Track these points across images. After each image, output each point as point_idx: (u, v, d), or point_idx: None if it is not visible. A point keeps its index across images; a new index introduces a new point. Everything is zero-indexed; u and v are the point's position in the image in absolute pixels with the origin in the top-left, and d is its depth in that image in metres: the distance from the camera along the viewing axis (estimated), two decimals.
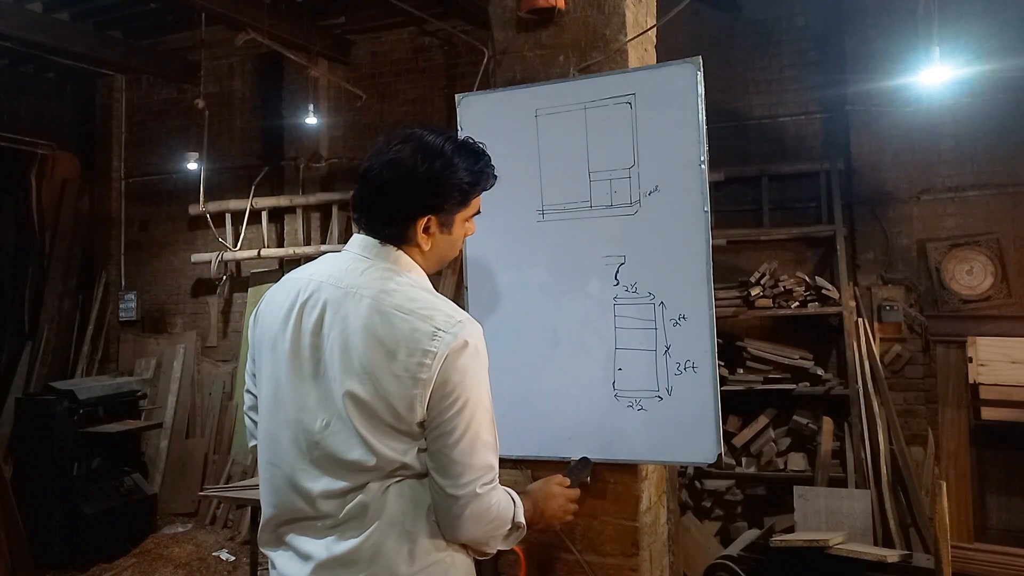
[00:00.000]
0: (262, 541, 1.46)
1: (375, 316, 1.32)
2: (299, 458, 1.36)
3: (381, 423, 1.31)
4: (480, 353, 1.35)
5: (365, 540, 1.32)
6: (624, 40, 2.10)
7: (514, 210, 2.12)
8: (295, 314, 1.39)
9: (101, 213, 6.91)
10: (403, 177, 1.36)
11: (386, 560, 1.32)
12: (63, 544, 4.96)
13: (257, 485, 1.54)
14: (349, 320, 1.34)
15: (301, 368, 1.37)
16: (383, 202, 1.39)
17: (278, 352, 1.40)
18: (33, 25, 5.44)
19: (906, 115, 4.62)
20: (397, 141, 1.40)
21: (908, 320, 4.64)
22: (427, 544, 1.35)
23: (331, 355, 1.34)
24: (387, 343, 1.30)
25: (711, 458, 1.91)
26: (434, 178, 1.37)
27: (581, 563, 2.03)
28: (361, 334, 1.32)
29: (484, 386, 1.36)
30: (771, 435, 4.75)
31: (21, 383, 6.31)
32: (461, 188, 1.41)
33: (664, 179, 1.96)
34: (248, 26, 5.12)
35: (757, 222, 5.00)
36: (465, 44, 5.60)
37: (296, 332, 1.38)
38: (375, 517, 1.32)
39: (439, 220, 1.42)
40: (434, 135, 1.41)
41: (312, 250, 5.79)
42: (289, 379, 1.38)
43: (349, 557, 1.32)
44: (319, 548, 1.34)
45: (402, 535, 1.33)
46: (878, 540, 4.22)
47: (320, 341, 1.36)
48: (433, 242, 1.43)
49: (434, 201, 1.39)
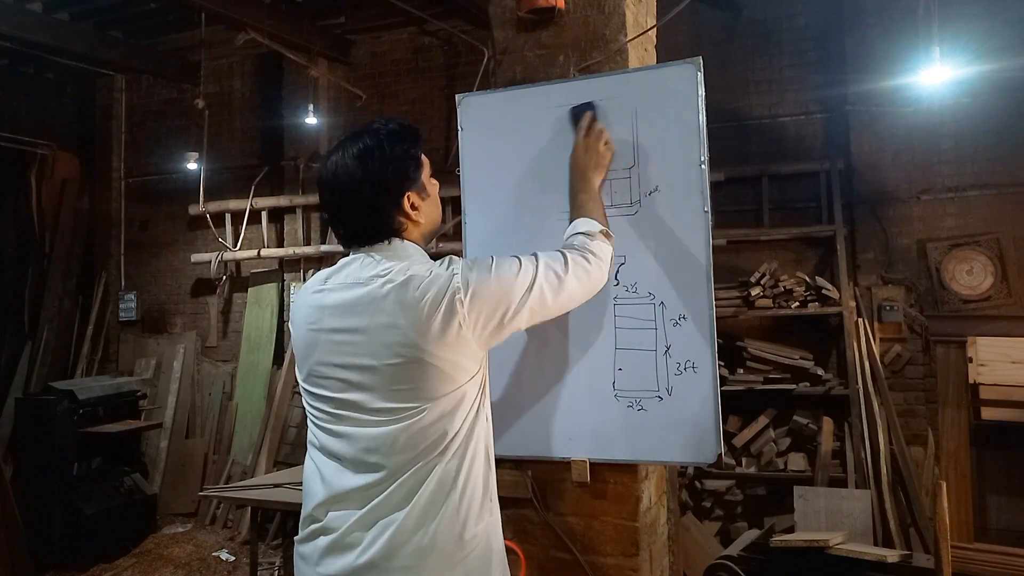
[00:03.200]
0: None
1: (402, 290, 1.38)
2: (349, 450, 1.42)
3: (432, 384, 1.38)
4: (484, 261, 1.46)
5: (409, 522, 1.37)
6: (624, 40, 2.10)
7: (514, 210, 2.12)
8: (326, 318, 1.45)
9: (101, 213, 6.92)
10: (364, 185, 1.45)
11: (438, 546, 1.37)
12: (63, 544, 4.96)
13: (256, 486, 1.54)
14: (380, 305, 1.39)
15: (346, 364, 1.41)
16: (365, 216, 1.48)
17: (317, 358, 1.46)
18: (33, 25, 5.44)
19: (906, 115, 4.62)
20: (328, 158, 1.53)
21: (908, 320, 4.64)
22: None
23: (372, 341, 1.39)
24: (420, 307, 1.37)
25: (711, 458, 1.91)
26: (386, 164, 1.46)
27: (581, 563, 2.03)
28: (395, 311, 1.38)
29: (510, 267, 1.48)
30: (771, 435, 4.75)
31: (21, 383, 6.32)
32: (410, 156, 1.51)
33: (664, 179, 1.96)
34: (248, 26, 5.12)
35: (757, 222, 5.00)
36: (465, 44, 5.60)
37: (333, 332, 1.43)
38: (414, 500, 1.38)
39: (415, 191, 1.51)
40: (357, 141, 1.51)
41: (312, 250, 5.79)
42: (332, 379, 1.43)
43: (390, 546, 1.36)
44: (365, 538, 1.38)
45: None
46: (878, 540, 4.22)
47: (358, 333, 1.40)
48: (422, 212, 1.52)
49: (401, 177, 1.49)
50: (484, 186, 2.14)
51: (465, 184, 2.13)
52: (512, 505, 1.57)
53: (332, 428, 1.44)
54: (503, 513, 1.55)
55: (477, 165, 2.13)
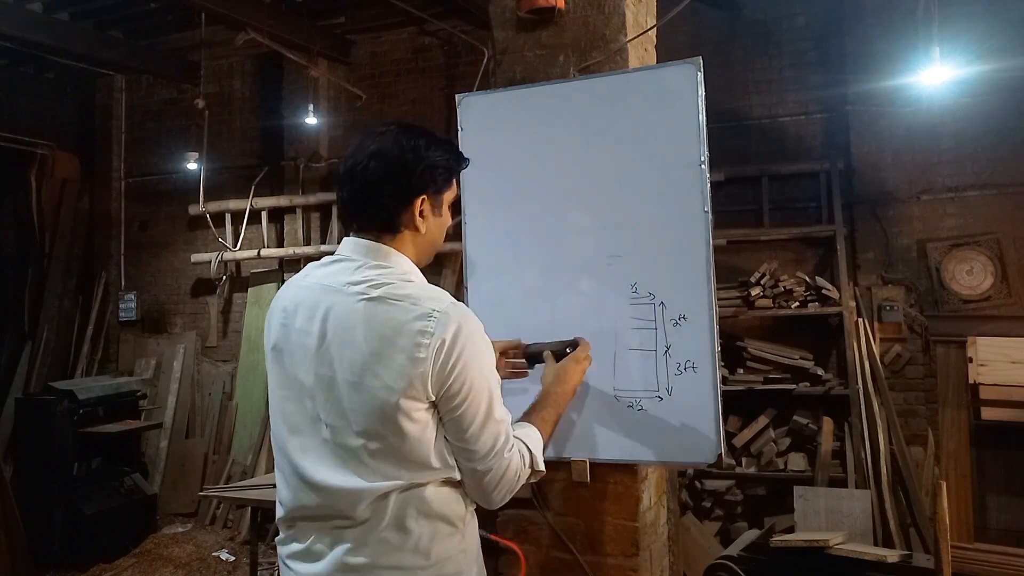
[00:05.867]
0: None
1: (371, 307, 1.35)
2: (310, 453, 1.41)
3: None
4: (474, 334, 1.37)
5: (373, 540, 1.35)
6: (624, 40, 2.10)
7: (514, 210, 2.12)
8: (297, 318, 1.42)
9: (101, 213, 6.91)
10: (393, 163, 1.41)
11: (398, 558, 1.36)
12: (63, 544, 4.96)
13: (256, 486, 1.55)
14: (347, 316, 1.36)
15: (309, 368, 1.40)
16: (375, 193, 1.42)
17: (286, 356, 1.44)
18: (33, 25, 5.44)
19: (906, 115, 4.62)
20: (375, 135, 1.45)
21: (908, 320, 4.64)
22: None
23: (332, 352, 1.36)
24: (384, 331, 1.33)
25: (711, 458, 1.91)
26: (421, 157, 1.42)
27: (581, 563, 2.03)
28: (359, 327, 1.34)
29: (485, 365, 1.39)
30: (771, 435, 4.75)
31: (21, 383, 6.32)
32: (446, 166, 1.47)
33: (664, 179, 1.96)
34: (248, 26, 5.12)
35: (757, 222, 5.00)
36: (465, 44, 5.60)
37: (300, 334, 1.41)
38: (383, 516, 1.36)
39: (432, 202, 1.46)
40: (402, 129, 1.46)
41: (312, 250, 5.79)
42: (298, 381, 1.42)
43: (362, 560, 1.35)
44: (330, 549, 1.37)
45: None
46: (878, 540, 4.22)
47: (322, 341, 1.38)
48: (427, 225, 1.46)
49: (426, 177, 1.44)
50: (484, 186, 2.14)
51: (465, 184, 2.13)
52: (512, 505, 1.56)
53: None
54: (503, 513, 1.56)
55: (477, 165, 2.13)
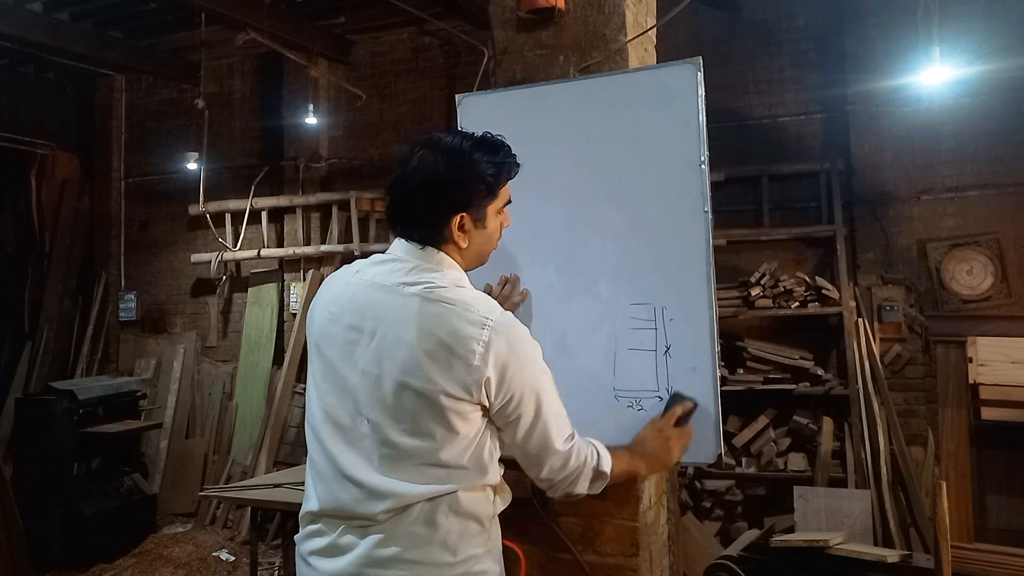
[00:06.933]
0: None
1: (425, 309, 1.36)
2: (351, 449, 1.41)
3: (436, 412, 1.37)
4: (524, 341, 1.41)
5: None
6: (624, 40, 2.10)
7: (512, 210, 2.12)
8: (346, 312, 1.43)
9: (101, 213, 6.91)
10: (428, 180, 1.42)
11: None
12: (63, 544, 4.96)
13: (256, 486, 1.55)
14: (400, 316, 1.37)
15: (355, 365, 1.40)
16: (414, 208, 1.46)
17: (331, 350, 1.44)
18: (33, 25, 5.44)
19: (906, 115, 4.62)
20: (418, 148, 1.45)
21: (908, 320, 4.64)
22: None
23: (381, 350, 1.37)
24: (438, 334, 1.35)
25: (711, 458, 1.91)
26: (458, 176, 1.43)
27: (581, 563, 2.03)
28: (412, 328, 1.36)
29: (536, 368, 1.44)
30: (771, 435, 4.74)
31: (21, 383, 6.32)
32: (485, 181, 1.47)
33: (664, 179, 1.96)
34: (248, 26, 5.12)
35: (757, 222, 5.00)
36: (465, 44, 5.60)
37: (348, 329, 1.42)
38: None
39: (472, 216, 1.47)
40: (452, 136, 1.47)
41: (312, 250, 5.79)
42: (342, 376, 1.42)
43: (390, 552, 1.36)
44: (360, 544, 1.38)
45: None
46: (878, 540, 4.22)
47: (372, 338, 1.39)
48: (469, 239, 1.48)
49: (462, 198, 1.45)
50: None
51: None
52: (512, 505, 1.57)
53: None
54: (504, 513, 1.56)
55: None
